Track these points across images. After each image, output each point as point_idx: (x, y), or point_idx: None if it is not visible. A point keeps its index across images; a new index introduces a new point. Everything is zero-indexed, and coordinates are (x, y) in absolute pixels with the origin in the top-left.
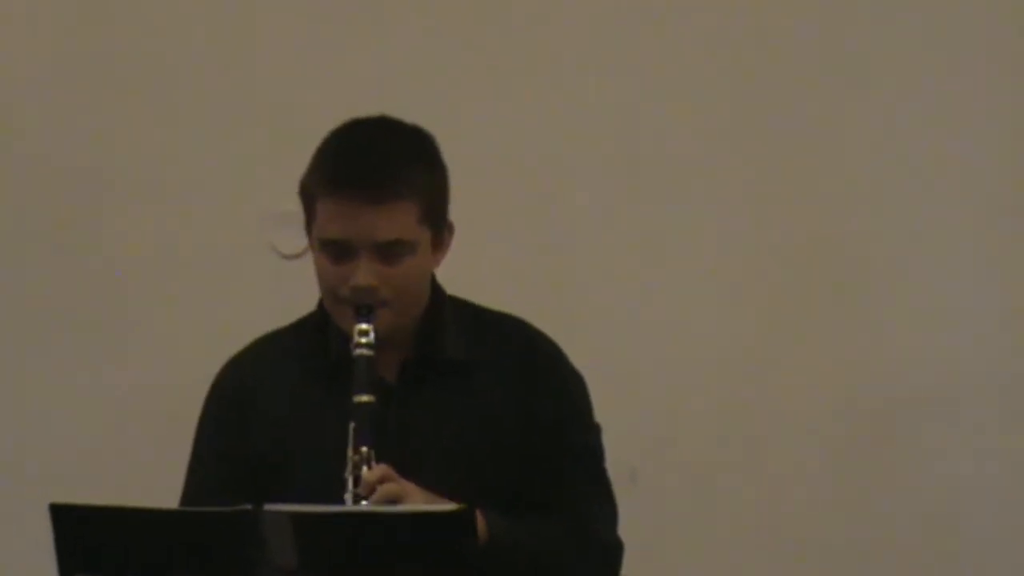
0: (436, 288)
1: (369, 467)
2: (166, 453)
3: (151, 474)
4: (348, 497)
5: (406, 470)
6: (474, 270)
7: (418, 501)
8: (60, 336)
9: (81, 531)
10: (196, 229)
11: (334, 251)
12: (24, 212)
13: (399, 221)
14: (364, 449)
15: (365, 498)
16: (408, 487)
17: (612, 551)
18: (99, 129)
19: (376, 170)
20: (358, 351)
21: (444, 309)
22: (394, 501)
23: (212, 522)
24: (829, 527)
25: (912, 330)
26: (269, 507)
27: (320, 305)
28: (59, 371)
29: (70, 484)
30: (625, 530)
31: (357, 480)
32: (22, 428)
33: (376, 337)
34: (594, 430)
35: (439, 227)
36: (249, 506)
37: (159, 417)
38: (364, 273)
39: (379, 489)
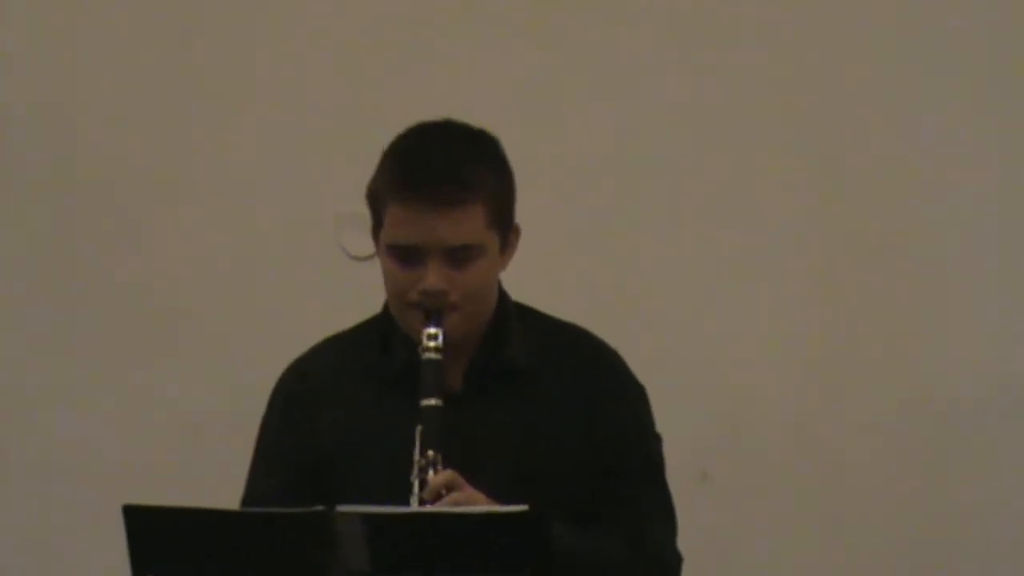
0: (501, 294)
1: (435, 471)
2: (234, 455)
3: (220, 476)
4: (413, 500)
5: (468, 476)
6: (538, 274)
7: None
8: (130, 338)
9: (153, 532)
10: (266, 231)
11: (403, 256)
12: (96, 215)
13: (468, 226)
14: (431, 453)
15: (431, 504)
16: (474, 495)
17: (671, 564)
18: (172, 132)
19: (445, 175)
20: (426, 355)
21: (509, 316)
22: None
23: (284, 523)
24: (899, 527)
25: (980, 331)
26: (342, 508)
27: (385, 308)
28: (129, 372)
29: (141, 485)
30: (696, 529)
31: (423, 484)
32: (94, 430)
33: (444, 342)
34: (655, 441)
35: (506, 230)
36: (321, 507)
37: (228, 418)
38: (434, 277)
39: (445, 497)
